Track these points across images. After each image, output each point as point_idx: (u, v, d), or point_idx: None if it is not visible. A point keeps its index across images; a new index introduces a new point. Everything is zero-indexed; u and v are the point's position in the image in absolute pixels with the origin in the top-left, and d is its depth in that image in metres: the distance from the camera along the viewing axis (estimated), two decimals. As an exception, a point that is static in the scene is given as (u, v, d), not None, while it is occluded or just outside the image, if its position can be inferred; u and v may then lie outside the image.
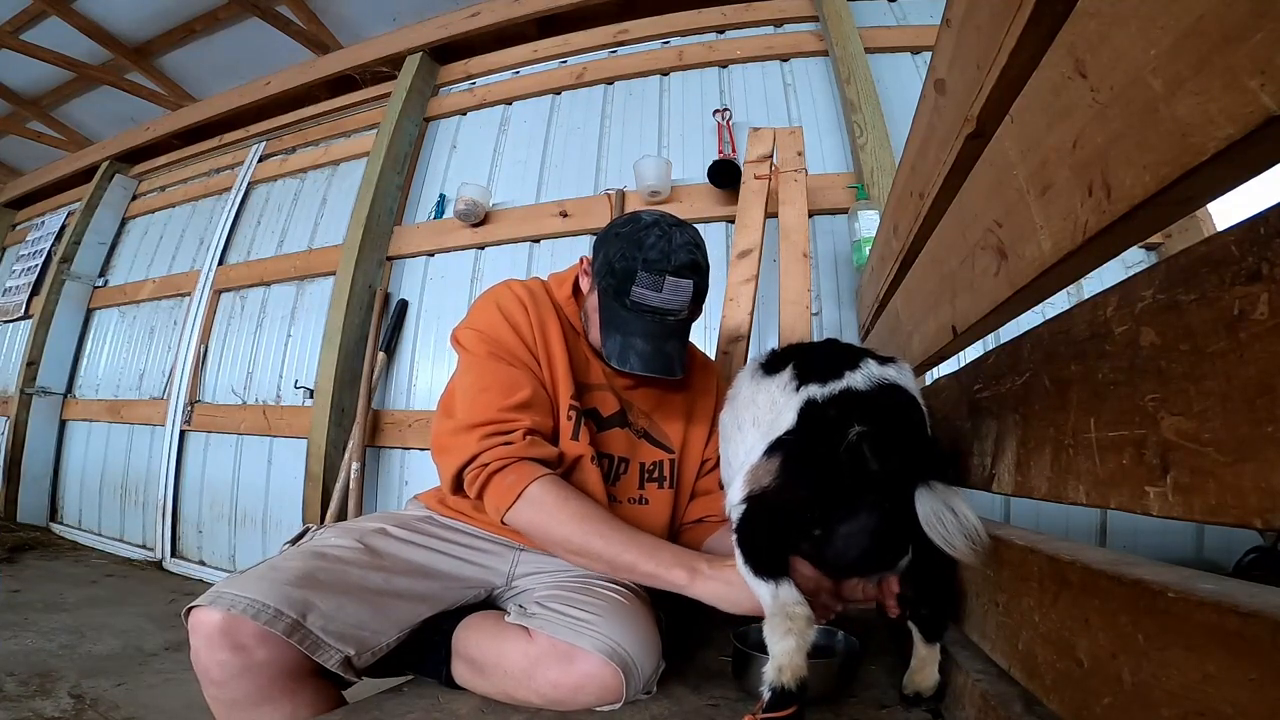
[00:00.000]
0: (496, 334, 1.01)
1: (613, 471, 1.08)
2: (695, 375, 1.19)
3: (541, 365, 1.02)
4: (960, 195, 0.81)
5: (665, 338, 1.03)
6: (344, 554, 0.90)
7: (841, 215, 2.19)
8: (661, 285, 1.00)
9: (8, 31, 3.38)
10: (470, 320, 1.05)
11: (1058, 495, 0.54)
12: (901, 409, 0.76)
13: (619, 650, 0.78)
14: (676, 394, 1.16)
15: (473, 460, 0.91)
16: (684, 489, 1.15)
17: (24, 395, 3.72)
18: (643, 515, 1.07)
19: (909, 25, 2.56)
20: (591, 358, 1.10)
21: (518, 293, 1.05)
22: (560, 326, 1.06)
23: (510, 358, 1.00)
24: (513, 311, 1.03)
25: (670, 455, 1.13)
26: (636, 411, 1.12)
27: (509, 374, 0.98)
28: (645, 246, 1.00)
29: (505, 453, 0.91)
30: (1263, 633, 0.32)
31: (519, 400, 0.95)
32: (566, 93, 2.88)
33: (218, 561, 2.99)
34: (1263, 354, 0.31)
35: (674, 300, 1.01)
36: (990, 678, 0.69)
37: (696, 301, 1.05)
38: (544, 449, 0.95)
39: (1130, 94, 0.40)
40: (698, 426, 1.17)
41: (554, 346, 1.04)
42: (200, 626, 0.76)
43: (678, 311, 1.02)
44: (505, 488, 0.89)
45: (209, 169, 3.88)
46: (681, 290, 1.01)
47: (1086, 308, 0.50)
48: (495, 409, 0.93)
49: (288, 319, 3.06)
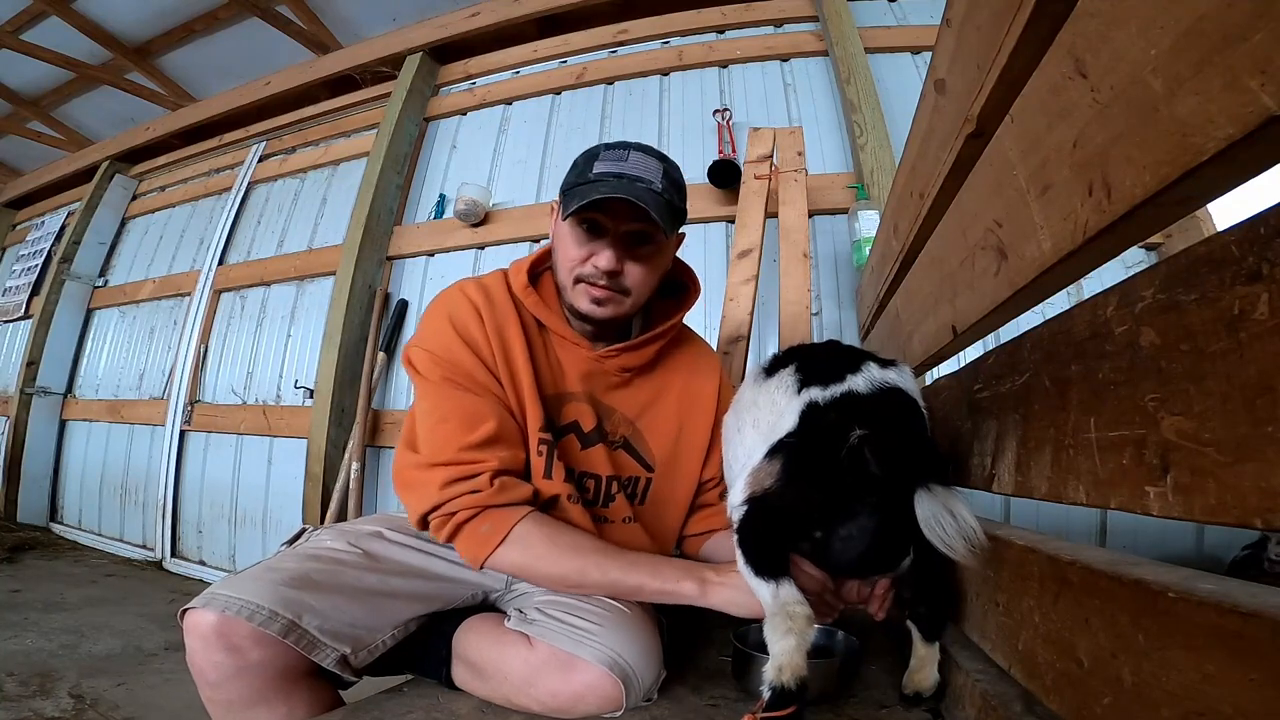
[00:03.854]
0: (451, 355, 0.90)
1: (601, 494, 0.98)
2: (694, 376, 1.08)
3: (505, 385, 0.91)
4: (960, 195, 0.81)
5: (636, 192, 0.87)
6: (340, 555, 0.90)
7: (841, 215, 2.19)
8: (626, 157, 0.90)
9: (8, 31, 3.38)
10: (421, 336, 0.93)
11: (1058, 495, 0.54)
12: (902, 412, 0.76)
13: (620, 661, 0.77)
14: (669, 396, 1.05)
15: (436, 509, 0.84)
16: (664, 504, 1.05)
17: (24, 395, 3.72)
18: (636, 535, 1.00)
19: (909, 25, 2.56)
20: (563, 356, 0.98)
21: (472, 297, 0.93)
22: (521, 328, 0.94)
23: (468, 383, 0.89)
24: (466, 324, 0.91)
25: (648, 474, 1.02)
26: (618, 419, 1.01)
27: (469, 404, 0.87)
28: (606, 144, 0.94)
29: (472, 502, 0.83)
30: (1263, 633, 0.32)
31: (483, 436, 0.85)
32: (566, 93, 2.88)
33: (218, 561, 2.99)
34: (1263, 354, 0.31)
35: (640, 167, 0.90)
36: (990, 678, 0.69)
37: (672, 192, 0.92)
38: (515, 491, 0.86)
39: (1130, 94, 0.40)
40: (691, 438, 1.05)
41: (516, 359, 0.92)
42: (195, 628, 0.76)
43: (648, 181, 0.89)
44: (481, 537, 0.83)
45: (209, 169, 3.88)
46: (649, 164, 0.91)
47: (1086, 308, 0.50)
48: (456, 447, 0.84)
49: (288, 319, 3.06)
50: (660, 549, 1.04)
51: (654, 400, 1.05)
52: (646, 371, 1.04)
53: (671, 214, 0.92)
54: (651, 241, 0.94)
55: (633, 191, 0.87)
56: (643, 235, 0.92)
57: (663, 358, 1.06)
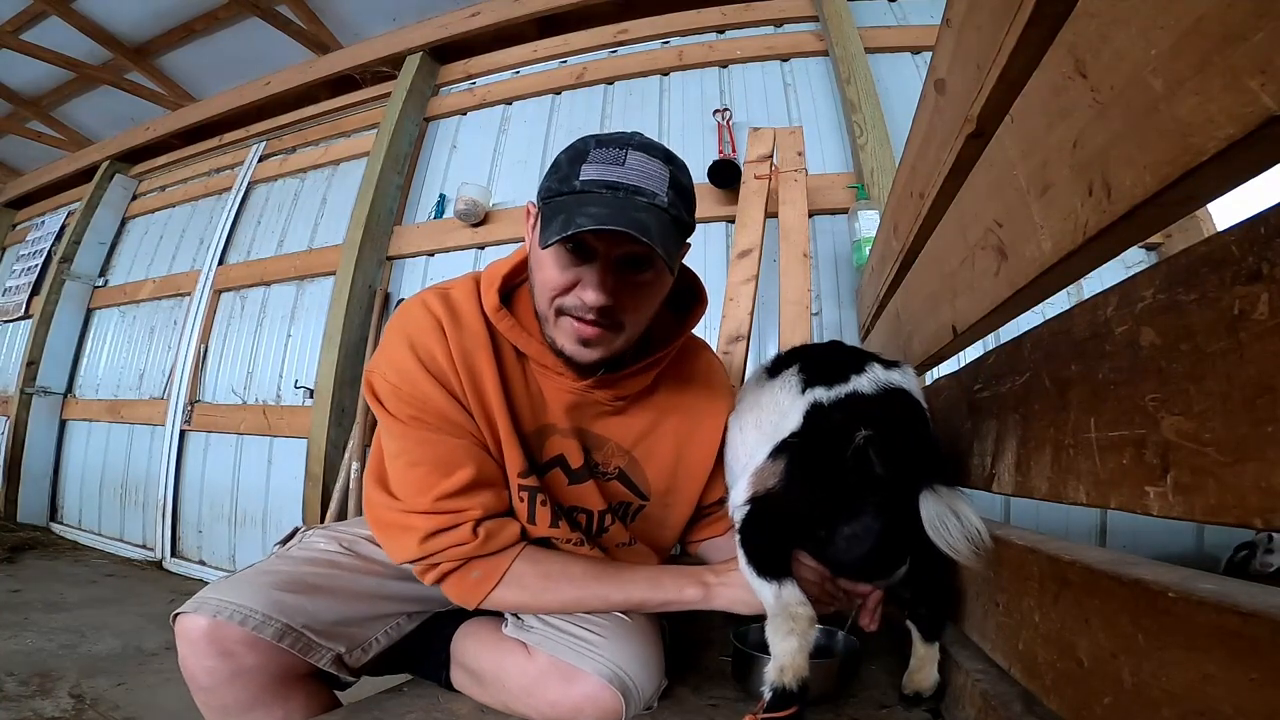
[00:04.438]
0: (416, 389, 0.78)
1: (595, 526, 0.91)
2: (698, 400, 0.95)
3: (477, 419, 0.80)
4: (960, 195, 0.81)
5: (635, 210, 0.71)
6: (334, 558, 0.89)
7: (841, 215, 2.19)
8: (623, 159, 0.74)
9: (8, 31, 3.37)
10: (381, 361, 0.81)
11: (1058, 495, 0.54)
12: (907, 413, 0.76)
13: (620, 674, 0.77)
14: (669, 423, 0.93)
15: (419, 560, 0.79)
16: (657, 525, 0.97)
17: (24, 395, 3.72)
18: (634, 555, 0.96)
19: (909, 25, 2.56)
20: (545, 385, 0.86)
21: (436, 313, 0.80)
22: (493, 354, 0.81)
23: (439, 422, 0.79)
24: (431, 350, 0.79)
25: (642, 502, 0.94)
26: (611, 449, 0.90)
27: (442, 447, 0.78)
28: (598, 138, 0.78)
29: (458, 554, 0.78)
30: (1263, 633, 0.32)
31: (460, 484, 0.77)
32: (566, 93, 2.88)
33: (218, 561, 2.99)
34: (1263, 354, 0.31)
35: (641, 173, 0.73)
36: (990, 678, 0.69)
37: (680, 206, 0.76)
38: (502, 536, 0.80)
39: (1130, 94, 0.40)
40: (691, 469, 0.95)
41: (488, 393, 0.81)
42: (187, 633, 0.76)
43: (651, 194, 0.73)
44: (471, 583, 0.80)
45: (209, 169, 3.88)
46: (652, 168, 0.74)
47: (1086, 308, 0.50)
48: (432, 496, 0.76)
49: (288, 319, 3.06)
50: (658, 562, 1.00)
51: (652, 428, 0.92)
52: (644, 396, 0.92)
53: (679, 233, 0.78)
54: (652, 266, 0.77)
55: (629, 217, 0.69)
56: (641, 258, 0.76)
57: (663, 378, 0.93)
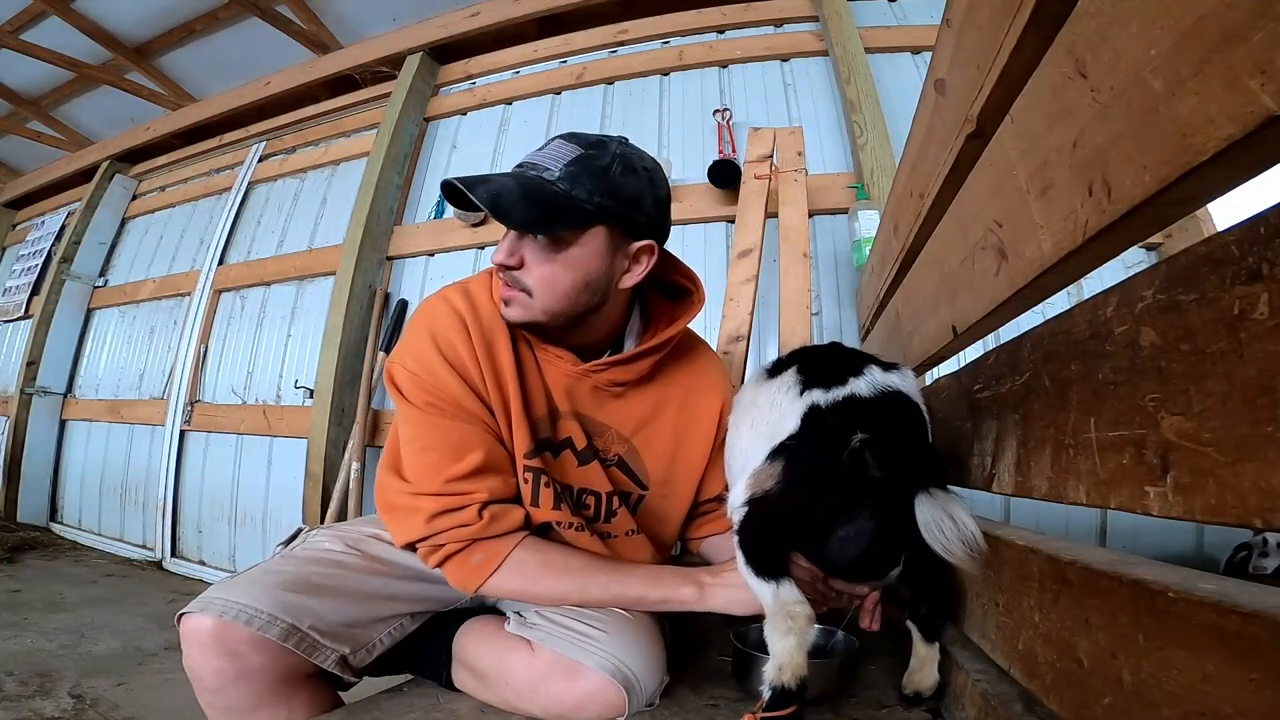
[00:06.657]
0: (435, 379, 0.83)
1: (602, 510, 0.94)
2: (694, 393, 0.99)
3: (494, 406, 0.85)
4: (960, 195, 0.81)
5: (506, 179, 0.79)
6: (339, 558, 0.89)
7: (841, 215, 2.19)
8: (545, 145, 0.84)
9: (8, 31, 3.37)
10: (403, 353, 0.86)
11: (1058, 495, 0.54)
12: (904, 416, 0.76)
13: (623, 669, 0.77)
14: (667, 412, 0.98)
15: (423, 540, 0.82)
16: (657, 519, 1.00)
17: (24, 395, 3.72)
18: (641, 546, 0.98)
19: (909, 25, 2.56)
20: (547, 369, 0.91)
21: (458, 308, 0.85)
22: (509, 340, 0.87)
23: (454, 410, 0.83)
24: (453, 342, 0.83)
25: (642, 492, 0.98)
26: (611, 436, 0.95)
27: (455, 433, 0.83)
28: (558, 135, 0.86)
29: (461, 535, 0.81)
30: (1263, 633, 0.32)
31: (469, 467, 0.81)
32: (567, 93, 2.88)
33: (218, 561, 2.99)
34: (1263, 354, 0.31)
35: (547, 155, 0.82)
36: (990, 678, 0.69)
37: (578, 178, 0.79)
38: (506, 520, 0.83)
39: (1130, 94, 0.40)
40: (688, 459, 0.99)
41: (505, 376, 0.86)
42: (192, 633, 0.75)
43: (542, 168, 0.80)
44: (472, 566, 0.82)
45: (209, 169, 3.88)
46: (562, 151, 0.81)
47: (1086, 308, 0.50)
48: (442, 478, 0.81)
49: (288, 319, 3.06)
50: (661, 557, 1.03)
51: (651, 416, 0.97)
52: (643, 384, 0.96)
53: (564, 204, 0.79)
54: (546, 234, 0.81)
55: (487, 183, 0.77)
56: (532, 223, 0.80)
57: (662, 369, 0.97)
